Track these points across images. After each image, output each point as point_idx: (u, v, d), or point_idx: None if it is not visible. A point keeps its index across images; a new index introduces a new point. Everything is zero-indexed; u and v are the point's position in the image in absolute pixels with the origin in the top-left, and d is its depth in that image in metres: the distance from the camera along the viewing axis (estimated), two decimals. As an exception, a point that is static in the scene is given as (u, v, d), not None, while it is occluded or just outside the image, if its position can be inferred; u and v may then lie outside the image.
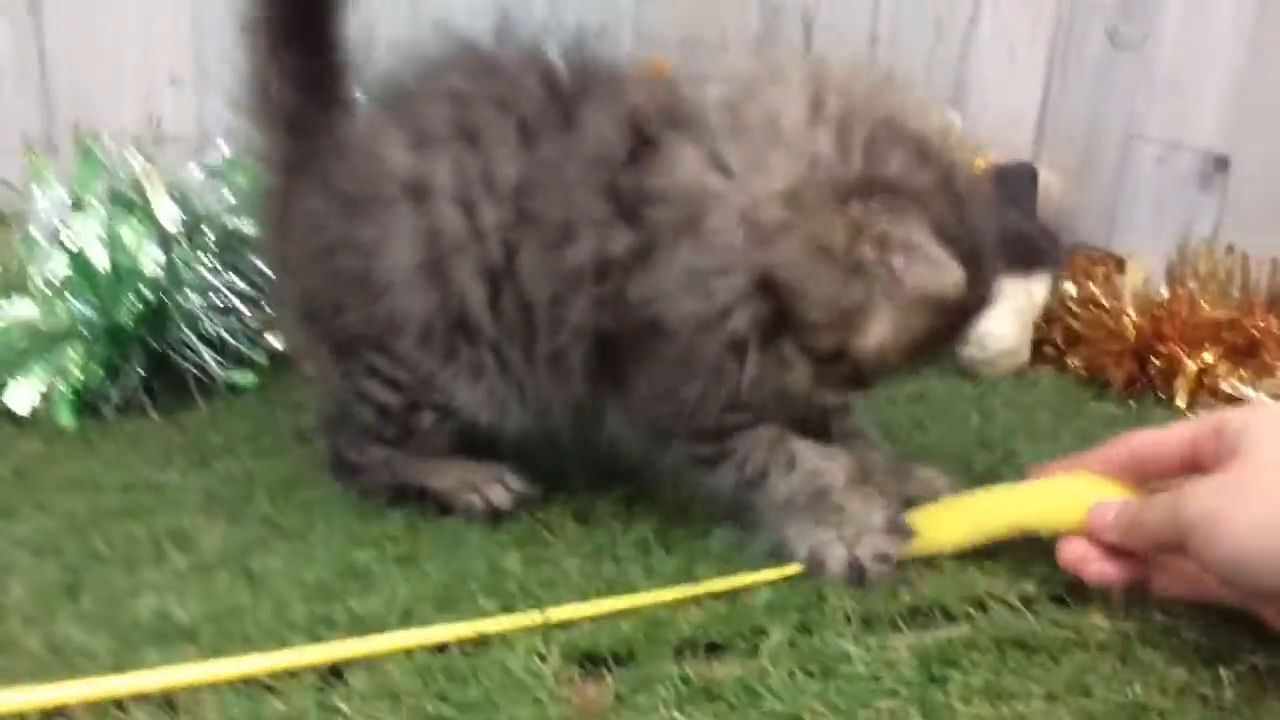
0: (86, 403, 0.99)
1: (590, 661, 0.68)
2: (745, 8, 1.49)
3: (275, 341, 1.12)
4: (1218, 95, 1.26)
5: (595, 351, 0.79)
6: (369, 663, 0.66)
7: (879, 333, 0.74)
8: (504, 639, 0.69)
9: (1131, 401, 1.14)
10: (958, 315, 0.76)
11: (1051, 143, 1.48)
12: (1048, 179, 1.40)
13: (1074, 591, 0.77)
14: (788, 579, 0.77)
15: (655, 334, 0.76)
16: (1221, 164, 1.24)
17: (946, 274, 0.70)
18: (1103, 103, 1.40)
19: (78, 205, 1.05)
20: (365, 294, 0.81)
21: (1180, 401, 1.11)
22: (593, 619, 0.71)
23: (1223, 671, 0.68)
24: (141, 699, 0.62)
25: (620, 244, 0.76)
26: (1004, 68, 1.54)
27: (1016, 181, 1.31)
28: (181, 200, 1.09)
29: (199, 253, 1.08)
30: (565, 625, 0.70)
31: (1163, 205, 1.32)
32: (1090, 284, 1.23)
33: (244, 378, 1.08)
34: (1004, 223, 0.80)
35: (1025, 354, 1.21)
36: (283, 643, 0.67)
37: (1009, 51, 1.53)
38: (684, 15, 1.45)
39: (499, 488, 0.85)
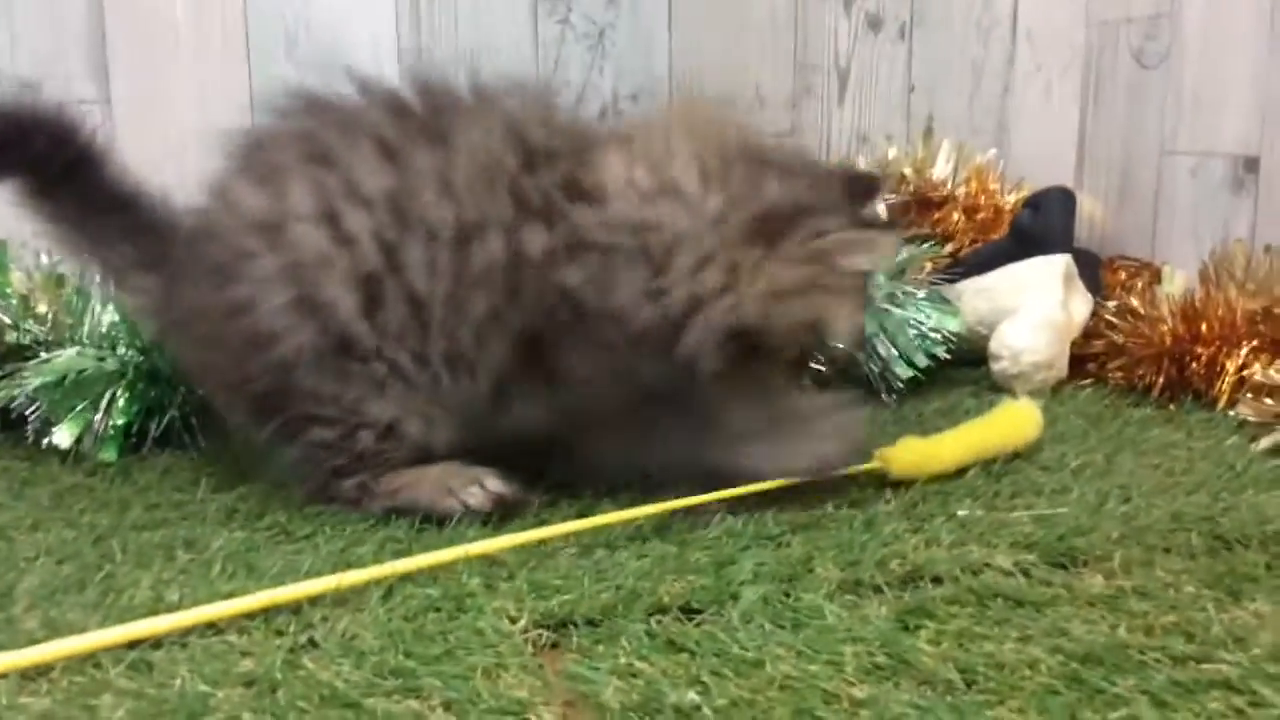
0: (130, 440, 1.04)
1: (562, 626, 0.68)
2: (779, 65, 1.52)
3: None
4: (1242, 99, 1.24)
5: (512, 343, 0.83)
6: (342, 626, 0.67)
7: (845, 322, 0.80)
8: (478, 606, 0.69)
9: (1172, 406, 1.10)
10: None
11: (1091, 168, 1.47)
12: (1085, 202, 1.38)
13: (1078, 561, 0.75)
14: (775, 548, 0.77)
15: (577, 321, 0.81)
16: (1251, 165, 1.22)
17: (885, 242, 0.79)
18: (1136, 123, 1.39)
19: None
20: (258, 348, 0.84)
21: (1221, 401, 1.08)
22: (566, 589, 0.72)
23: (1214, 612, 0.65)
24: (118, 660, 0.64)
25: (536, 245, 0.81)
26: (1041, 102, 1.54)
27: (1053, 205, 1.30)
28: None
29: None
30: (544, 594, 0.71)
31: (1199, 214, 1.29)
32: (1129, 296, 1.21)
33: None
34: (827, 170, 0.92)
35: (1062, 369, 1.19)
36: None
37: (1045, 86, 1.54)
38: (719, 74, 1.48)
39: (476, 489, 0.85)
